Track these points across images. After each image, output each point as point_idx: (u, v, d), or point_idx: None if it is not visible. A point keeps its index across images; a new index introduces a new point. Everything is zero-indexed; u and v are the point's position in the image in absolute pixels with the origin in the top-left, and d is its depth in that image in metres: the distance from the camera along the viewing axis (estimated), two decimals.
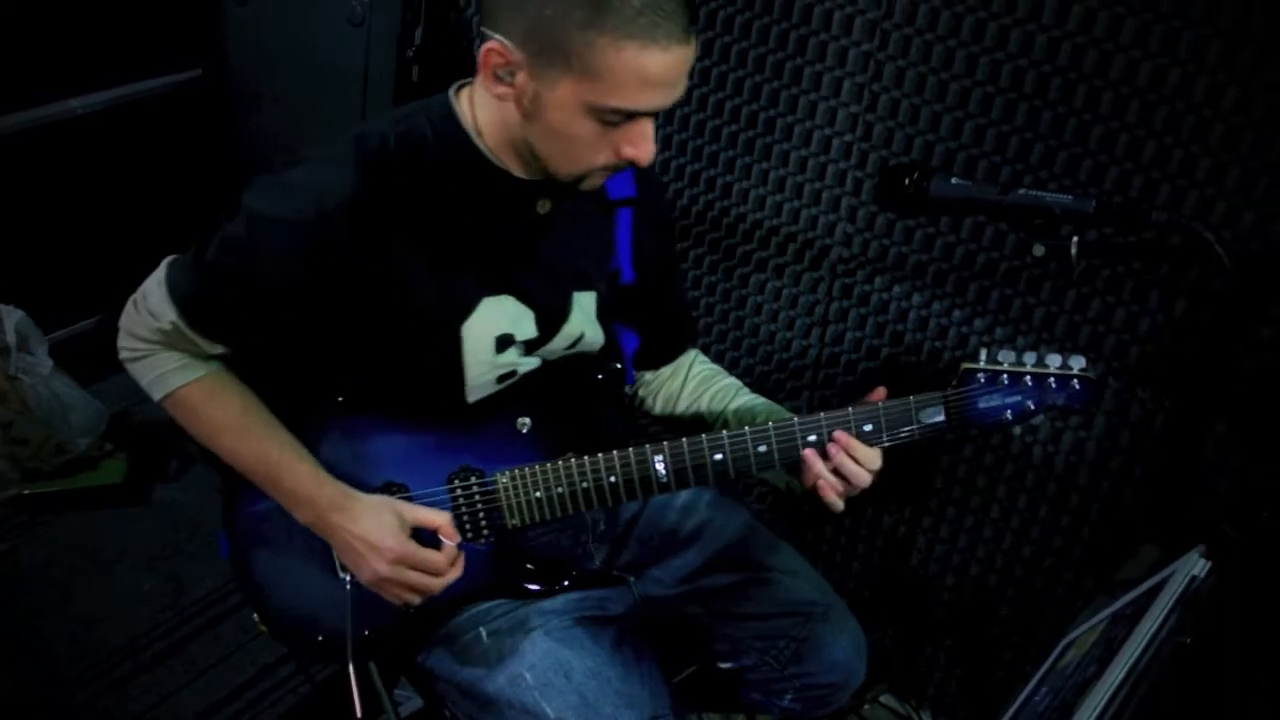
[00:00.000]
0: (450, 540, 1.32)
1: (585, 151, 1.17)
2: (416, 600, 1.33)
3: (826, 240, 1.87)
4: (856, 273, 1.87)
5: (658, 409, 1.59)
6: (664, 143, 1.99)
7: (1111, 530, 1.76)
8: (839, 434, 1.26)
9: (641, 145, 1.17)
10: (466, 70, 1.29)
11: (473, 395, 1.36)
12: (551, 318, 1.37)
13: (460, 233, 1.28)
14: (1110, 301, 1.63)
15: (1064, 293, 1.67)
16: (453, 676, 1.36)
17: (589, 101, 1.11)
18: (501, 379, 1.37)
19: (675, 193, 2.01)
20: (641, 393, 1.60)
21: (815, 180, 1.85)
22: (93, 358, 2.54)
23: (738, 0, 1.80)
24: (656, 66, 1.09)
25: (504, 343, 1.33)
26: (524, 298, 1.33)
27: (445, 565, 1.31)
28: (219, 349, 1.31)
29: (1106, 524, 1.76)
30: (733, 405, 1.50)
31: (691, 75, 1.88)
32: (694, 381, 1.55)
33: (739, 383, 1.55)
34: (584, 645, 1.34)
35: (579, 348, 1.42)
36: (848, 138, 1.78)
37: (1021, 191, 1.18)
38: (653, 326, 1.51)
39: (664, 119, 1.97)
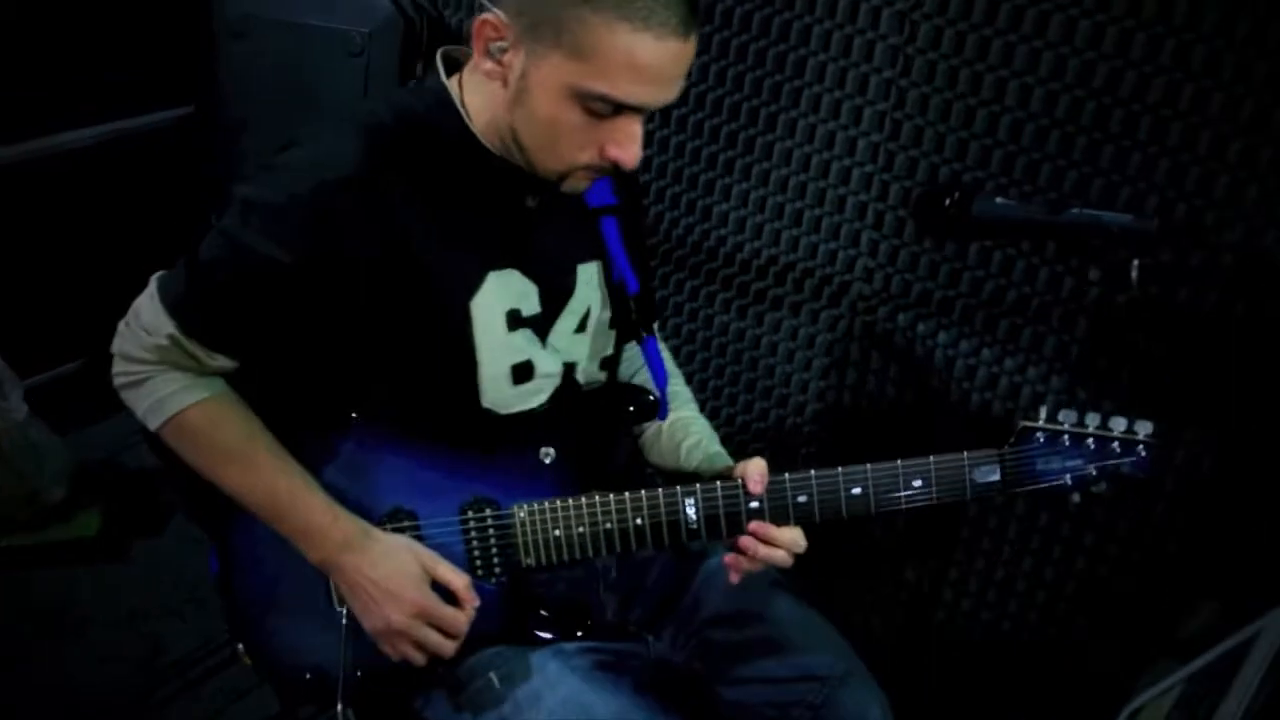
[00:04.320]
0: (468, 605, 1.23)
1: (568, 144, 1.13)
2: (422, 661, 1.24)
3: (846, 276, 1.79)
4: (878, 310, 1.78)
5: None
6: (673, 176, 1.91)
7: (1156, 585, 1.65)
8: (755, 525, 1.23)
9: (627, 146, 1.12)
10: None
11: (488, 392, 1.27)
12: (555, 293, 1.30)
13: (461, 209, 1.22)
14: (1152, 337, 1.54)
15: (1101, 330, 1.58)
16: None
17: (574, 84, 1.07)
18: (518, 375, 1.28)
19: (685, 228, 1.93)
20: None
21: (834, 213, 1.77)
22: (70, 405, 2.45)
23: (752, 25, 1.73)
24: (648, 55, 1.05)
25: (514, 319, 1.26)
26: (528, 271, 1.27)
27: (464, 628, 1.23)
28: (221, 360, 1.23)
29: (1150, 578, 1.66)
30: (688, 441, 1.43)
31: (704, 104, 1.84)
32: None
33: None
34: (606, 688, 1.24)
35: (590, 327, 1.35)
36: (868, 169, 1.71)
37: (1075, 211, 1.10)
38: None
39: (672, 151, 1.90)
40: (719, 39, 1.77)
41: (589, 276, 1.35)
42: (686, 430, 1.44)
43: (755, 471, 1.23)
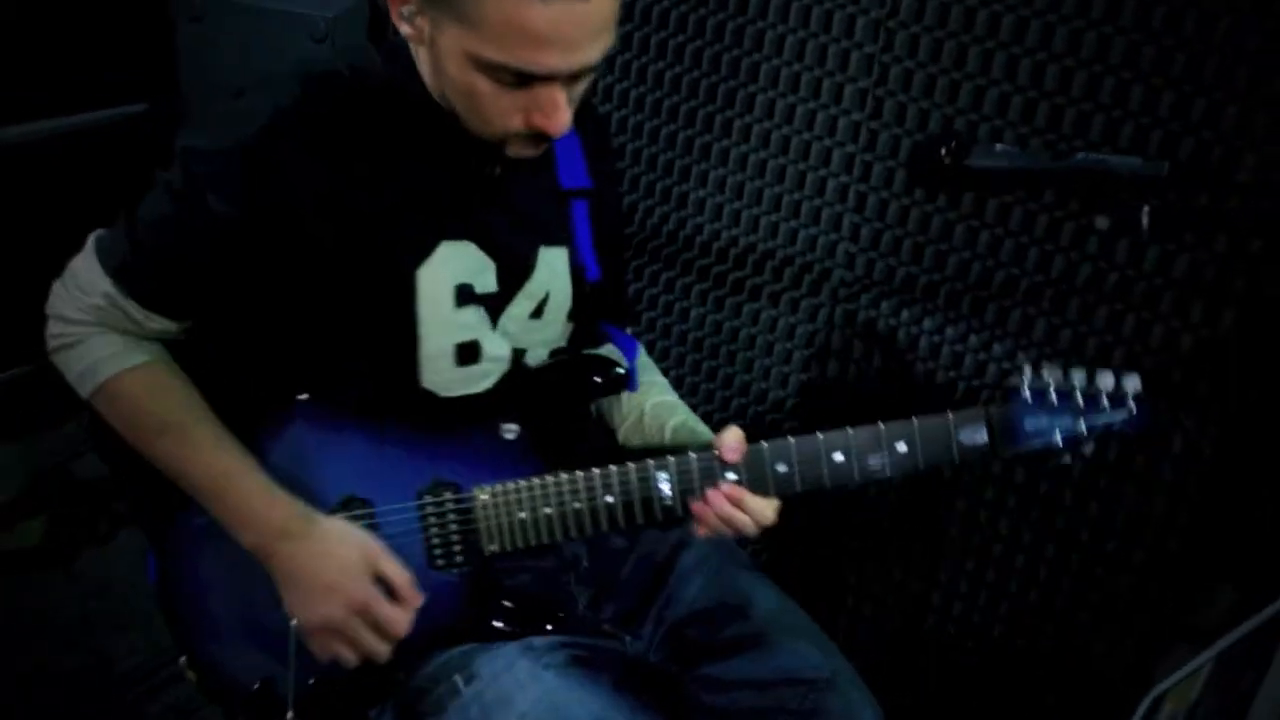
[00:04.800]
0: (410, 604, 1.15)
1: (492, 112, 1.05)
2: (355, 662, 1.14)
3: (826, 262, 1.72)
4: (860, 297, 1.71)
5: None
6: (648, 162, 1.84)
7: (1158, 576, 1.57)
8: (729, 489, 1.15)
9: (551, 114, 1.03)
10: None
11: (427, 372, 1.19)
12: (514, 272, 1.23)
13: (417, 171, 1.14)
14: (1146, 318, 1.48)
15: (1093, 310, 1.52)
16: None
17: (472, 54, 0.99)
18: (462, 356, 1.20)
19: (660, 216, 1.86)
20: None
21: (814, 196, 1.70)
22: (17, 410, 2.34)
23: (729, 3, 1.67)
24: (538, 20, 0.95)
25: (464, 295, 1.18)
26: (486, 246, 1.19)
27: (403, 630, 1.14)
28: (159, 322, 1.16)
29: (1151, 571, 1.58)
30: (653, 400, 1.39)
31: (679, 86, 1.78)
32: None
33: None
34: (583, 687, 1.15)
35: (546, 314, 1.28)
36: (849, 149, 1.64)
37: (1080, 156, 1.03)
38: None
39: (647, 137, 1.83)
40: (695, 17, 1.71)
41: (552, 261, 1.27)
42: (673, 411, 1.37)
43: (731, 439, 1.16)
